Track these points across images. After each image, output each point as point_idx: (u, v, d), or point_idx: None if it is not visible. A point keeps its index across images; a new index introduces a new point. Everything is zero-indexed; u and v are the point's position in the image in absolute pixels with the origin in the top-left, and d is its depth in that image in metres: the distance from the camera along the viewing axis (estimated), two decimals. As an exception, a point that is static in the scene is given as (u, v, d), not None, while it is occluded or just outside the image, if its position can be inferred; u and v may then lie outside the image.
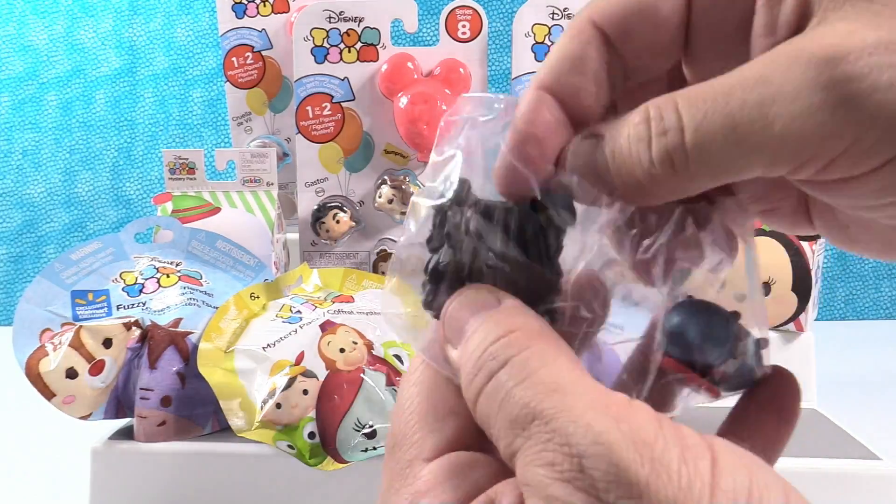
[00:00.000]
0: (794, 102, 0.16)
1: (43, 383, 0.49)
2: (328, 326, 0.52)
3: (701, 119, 0.17)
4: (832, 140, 0.16)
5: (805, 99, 0.16)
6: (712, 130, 0.17)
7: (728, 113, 0.16)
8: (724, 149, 0.17)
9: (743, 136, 0.16)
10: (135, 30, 1.21)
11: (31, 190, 1.21)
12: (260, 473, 0.48)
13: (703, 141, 0.17)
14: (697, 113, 0.17)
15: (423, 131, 0.66)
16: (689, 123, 0.17)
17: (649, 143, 0.18)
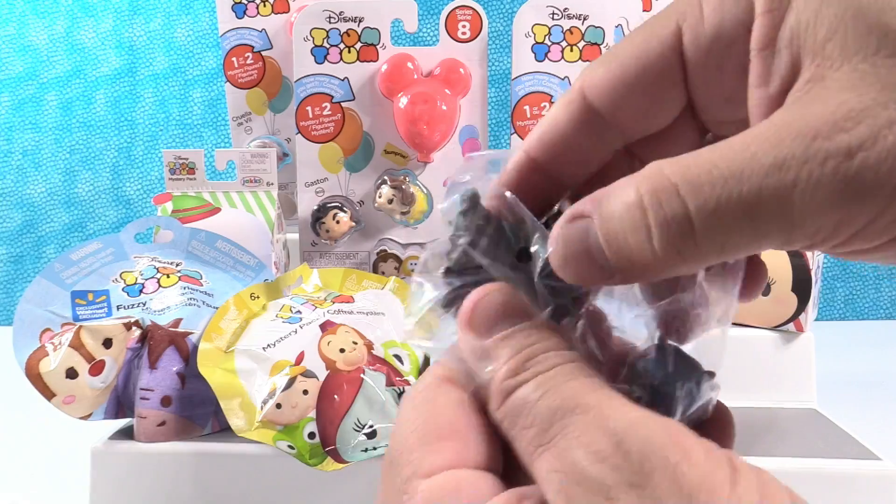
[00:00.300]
0: (813, 193, 0.16)
1: (43, 383, 0.49)
2: (328, 326, 0.52)
3: (713, 207, 0.16)
4: (848, 225, 0.16)
5: (824, 190, 0.16)
6: (726, 217, 0.16)
7: (743, 199, 0.16)
8: (740, 233, 0.16)
9: (762, 221, 0.16)
10: (135, 30, 1.21)
11: (31, 190, 1.21)
12: (260, 473, 0.48)
13: (717, 228, 0.16)
14: (708, 200, 0.16)
15: (423, 131, 0.66)
16: (699, 212, 0.16)
17: (648, 230, 0.17)
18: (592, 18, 0.66)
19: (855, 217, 0.16)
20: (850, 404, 0.61)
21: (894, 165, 0.15)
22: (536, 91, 0.67)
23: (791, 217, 0.16)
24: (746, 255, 0.18)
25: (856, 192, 0.15)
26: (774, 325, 0.61)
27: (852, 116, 0.16)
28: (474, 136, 0.69)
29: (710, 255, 0.17)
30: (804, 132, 0.16)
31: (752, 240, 0.17)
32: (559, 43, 0.67)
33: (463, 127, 0.69)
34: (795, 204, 0.16)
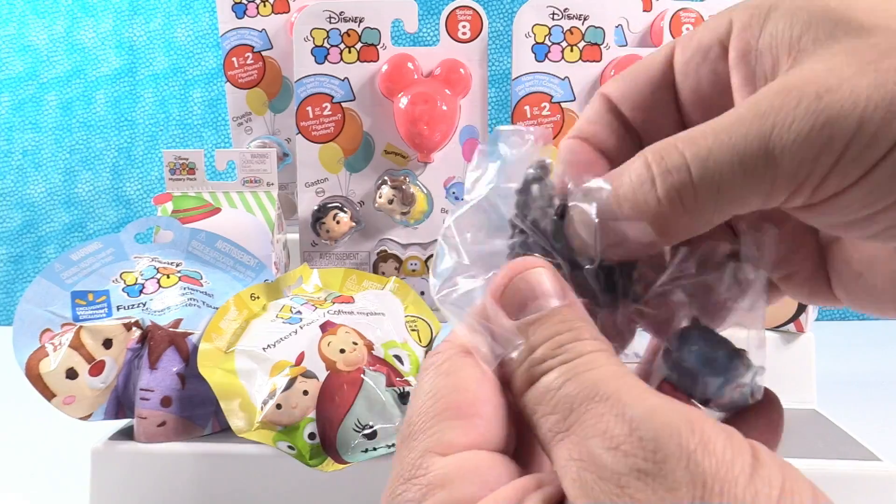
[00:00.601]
0: (789, 131, 0.18)
1: (43, 384, 0.49)
2: (328, 327, 0.52)
3: (706, 155, 0.18)
4: (825, 155, 0.18)
5: (798, 125, 0.18)
6: (719, 164, 0.18)
7: (732, 146, 0.18)
8: (731, 180, 0.18)
9: (748, 166, 0.18)
10: (135, 30, 1.21)
11: (31, 190, 1.21)
12: (260, 474, 0.48)
13: (712, 175, 0.18)
14: (701, 150, 0.19)
15: (423, 131, 0.66)
16: (694, 160, 0.19)
17: (653, 183, 0.19)
18: (592, 19, 0.66)
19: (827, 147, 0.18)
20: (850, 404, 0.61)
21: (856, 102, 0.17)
22: (536, 91, 0.67)
23: (773, 157, 0.18)
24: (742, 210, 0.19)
25: (824, 123, 0.17)
26: (774, 325, 0.61)
27: (821, 74, 0.18)
28: (474, 136, 0.69)
29: (708, 202, 0.19)
30: (781, 90, 0.18)
31: (742, 185, 0.18)
32: (559, 43, 0.67)
33: (463, 127, 0.69)
34: (775, 142, 0.18)
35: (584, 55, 0.67)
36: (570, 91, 0.67)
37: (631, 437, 0.16)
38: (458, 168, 0.69)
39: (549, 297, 0.19)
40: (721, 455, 0.15)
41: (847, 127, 0.17)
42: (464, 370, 0.20)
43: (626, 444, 0.16)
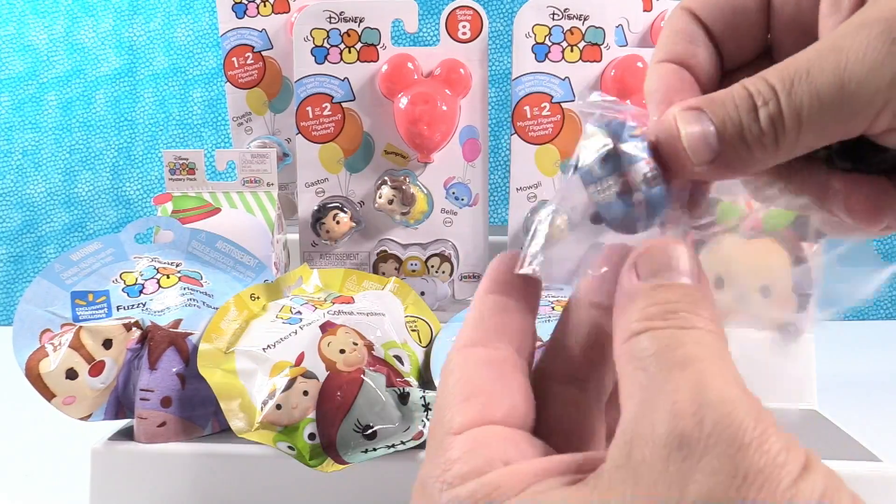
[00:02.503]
0: (863, 61, 0.19)
1: (43, 384, 0.49)
2: (328, 327, 0.52)
3: (789, 89, 0.20)
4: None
5: (873, 54, 0.19)
6: (800, 98, 0.19)
7: (810, 81, 0.19)
8: (812, 114, 0.19)
9: (825, 99, 0.19)
10: (135, 30, 1.21)
11: (31, 190, 1.21)
12: (260, 474, 0.48)
13: (795, 108, 0.19)
14: (786, 83, 0.20)
15: (423, 132, 0.66)
16: (781, 93, 0.20)
17: (756, 111, 0.20)
18: (593, 19, 0.66)
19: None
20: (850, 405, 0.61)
21: None
22: (537, 91, 0.67)
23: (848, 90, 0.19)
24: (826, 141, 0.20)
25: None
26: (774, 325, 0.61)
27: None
28: (475, 136, 0.69)
29: (793, 133, 0.20)
30: (858, 21, 0.19)
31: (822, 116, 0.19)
32: (559, 43, 0.67)
33: (463, 127, 0.69)
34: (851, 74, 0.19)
35: (584, 55, 0.67)
36: (571, 91, 0.67)
37: (694, 417, 0.16)
38: (458, 168, 0.69)
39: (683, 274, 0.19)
40: (774, 456, 0.15)
41: None
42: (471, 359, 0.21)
43: (686, 420, 0.16)
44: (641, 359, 0.18)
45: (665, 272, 0.19)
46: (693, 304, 0.19)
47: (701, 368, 0.17)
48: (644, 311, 0.19)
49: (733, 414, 0.16)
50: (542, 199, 0.68)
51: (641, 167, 0.21)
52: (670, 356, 0.17)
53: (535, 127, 0.68)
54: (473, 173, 0.70)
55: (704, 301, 0.19)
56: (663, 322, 0.18)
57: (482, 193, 0.70)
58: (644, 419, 0.17)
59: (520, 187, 0.69)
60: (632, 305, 0.19)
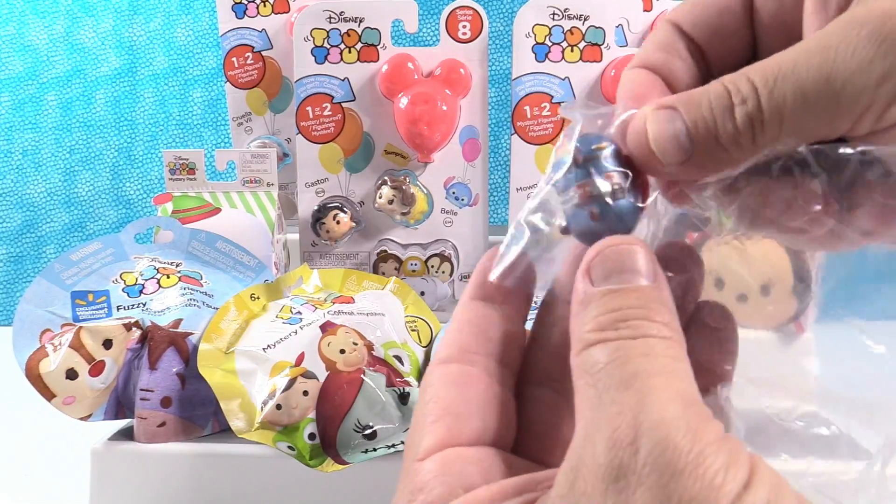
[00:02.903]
0: (851, 60, 0.18)
1: (43, 384, 0.49)
2: (328, 327, 0.52)
3: (772, 85, 0.19)
4: (886, 84, 0.18)
5: (860, 54, 0.18)
6: (783, 95, 0.19)
7: (796, 78, 0.19)
8: (794, 111, 0.19)
9: (810, 97, 0.19)
10: (135, 30, 1.21)
11: (31, 190, 1.21)
12: (260, 475, 0.48)
13: (776, 105, 0.19)
14: (768, 80, 0.19)
15: (423, 132, 0.66)
16: (763, 90, 0.19)
17: (731, 110, 0.19)
18: (593, 19, 0.66)
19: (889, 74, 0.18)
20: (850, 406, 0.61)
21: None
22: (537, 91, 0.67)
23: (834, 88, 0.18)
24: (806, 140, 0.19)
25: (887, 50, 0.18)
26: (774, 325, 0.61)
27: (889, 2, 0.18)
28: (475, 136, 0.69)
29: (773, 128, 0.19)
30: (847, 20, 0.19)
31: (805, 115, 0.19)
32: (560, 43, 0.67)
33: (463, 127, 0.69)
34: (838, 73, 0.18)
35: (584, 55, 0.67)
36: (571, 91, 0.67)
37: (631, 447, 0.16)
38: (458, 168, 0.69)
39: (638, 275, 0.19)
40: (710, 479, 0.15)
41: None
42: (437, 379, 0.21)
43: (623, 451, 0.16)
44: (592, 374, 0.17)
45: (619, 275, 0.19)
46: (646, 310, 0.18)
47: (645, 386, 0.16)
48: (596, 319, 0.18)
49: (668, 438, 0.15)
50: (542, 199, 0.68)
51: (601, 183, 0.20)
52: (618, 372, 0.17)
53: (535, 127, 0.68)
54: (473, 173, 0.70)
55: (659, 304, 0.18)
56: (614, 332, 0.18)
57: (482, 193, 0.70)
58: (588, 445, 0.16)
59: (520, 187, 0.69)
60: (585, 313, 0.18)
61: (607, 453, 0.16)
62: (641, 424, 0.16)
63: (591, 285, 0.19)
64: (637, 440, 0.16)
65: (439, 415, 0.20)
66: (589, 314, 0.18)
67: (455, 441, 0.19)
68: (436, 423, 0.20)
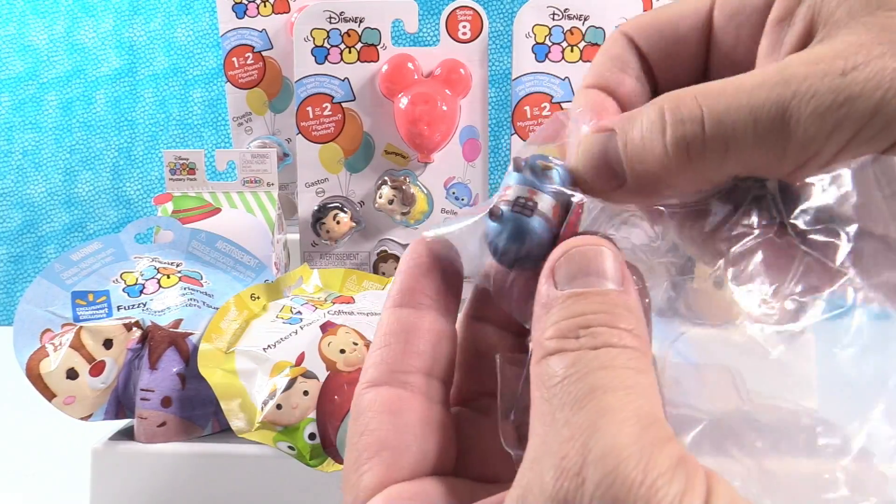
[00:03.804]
0: (808, 103, 0.18)
1: (43, 384, 0.49)
2: (329, 327, 0.52)
3: (722, 111, 0.18)
4: (838, 133, 0.18)
5: (818, 99, 0.18)
6: (733, 122, 0.18)
7: (751, 107, 0.18)
8: (743, 141, 0.18)
9: (762, 129, 0.18)
10: (135, 30, 1.21)
11: (31, 190, 1.21)
12: (260, 474, 0.48)
13: (723, 132, 0.18)
14: (718, 105, 0.18)
15: (423, 132, 0.66)
16: (710, 114, 0.18)
17: (663, 131, 0.19)
18: (593, 19, 0.66)
19: (842, 125, 0.17)
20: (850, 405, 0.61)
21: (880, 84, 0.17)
22: (537, 91, 0.67)
23: (788, 126, 0.18)
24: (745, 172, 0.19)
25: (844, 100, 0.17)
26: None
27: (850, 49, 0.18)
28: (475, 136, 0.69)
29: (714, 159, 0.18)
30: (808, 60, 0.18)
31: (751, 148, 0.18)
32: (560, 43, 0.67)
33: (463, 127, 0.69)
34: (793, 112, 0.18)
35: (584, 55, 0.67)
36: (571, 91, 0.67)
37: (578, 478, 0.15)
38: (458, 168, 0.69)
39: (604, 278, 0.18)
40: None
41: (865, 108, 0.17)
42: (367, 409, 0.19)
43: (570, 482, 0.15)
44: (549, 387, 0.16)
45: (584, 277, 0.18)
46: (611, 316, 0.17)
47: (599, 406, 0.15)
48: (557, 325, 0.17)
49: (617, 470, 0.14)
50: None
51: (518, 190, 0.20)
52: (573, 388, 0.16)
53: (535, 127, 0.68)
54: (473, 173, 0.70)
55: (626, 310, 0.17)
56: (574, 341, 0.17)
57: (482, 193, 0.70)
58: (536, 470, 0.15)
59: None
60: (546, 318, 0.17)
61: (554, 483, 0.15)
62: (590, 452, 0.15)
63: (555, 288, 0.18)
64: (584, 470, 0.15)
65: (376, 449, 0.18)
66: (550, 319, 0.17)
67: (395, 477, 0.18)
68: (373, 459, 0.18)
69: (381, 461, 0.18)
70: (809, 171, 0.18)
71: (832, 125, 0.17)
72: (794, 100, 0.18)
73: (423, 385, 0.20)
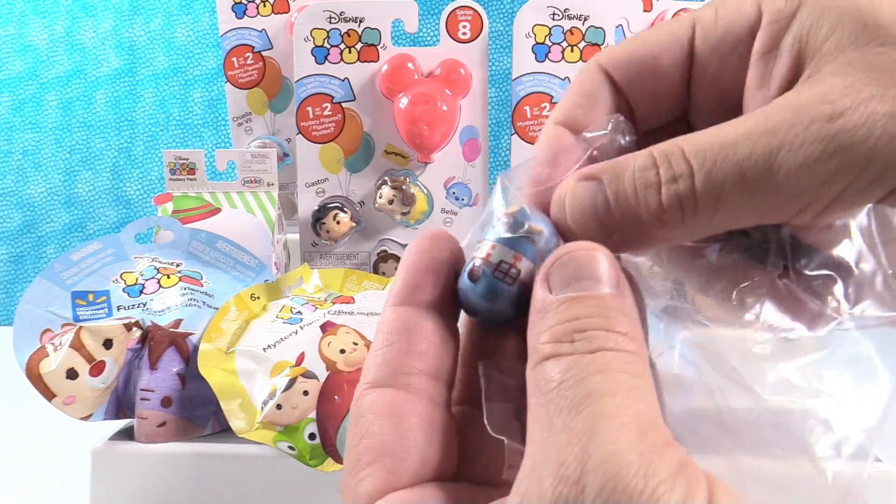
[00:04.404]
0: (797, 153, 0.17)
1: (43, 384, 0.49)
2: (329, 327, 0.52)
3: (711, 167, 0.18)
4: (830, 185, 0.17)
5: (807, 150, 0.17)
6: (722, 178, 0.18)
7: (737, 161, 0.17)
8: (732, 195, 0.18)
9: (750, 183, 0.17)
10: (135, 30, 1.21)
11: (31, 190, 1.21)
12: (260, 474, 0.48)
13: (713, 188, 0.18)
14: (706, 160, 0.18)
15: (423, 132, 0.66)
16: (699, 170, 0.18)
17: (658, 188, 0.18)
18: (593, 19, 0.66)
19: (834, 178, 0.17)
20: (850, 405, 0.61)
21: (871, 131, 0.17)
22: (537, 91, 0.67)
23: (776, 179, 0.17)
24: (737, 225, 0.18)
25: (835, 151, 0.17)
26: (775, 325, 0.61)
27: (837, 91, 0.17)
28: (475, 136, 0.69)
29: (705, 214, 0.18)
30: (794, 106, 0.18)
31: (742, 200, 0.18)
32: (560, 43, 0.67)
33: (463, 127, 0.69)
34: (781, 164, 0.17)
35: (584, 55, 0.67)
36: (571, 91, 0.67)
37: (577, 485, 0.14)
38: (458, 168, 0.69)
39: (599, 282, 0.17)
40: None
41: (857, 159, 0.17)
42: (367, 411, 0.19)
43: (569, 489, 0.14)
44: (545, 392, 0.16)
45: (578, 282, 0.17)
46: (606, 319, 0.17)
47: (597, 410, 0.15)
48: (552, 329, 0.17)
49: (618, 477, 0.14)
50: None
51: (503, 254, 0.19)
52: (570, 393, 0.16)
53: (535, 127, 0.68)
54: (473, 173, 0.70)
55: (621, 313, 0.17)
56: (570, 345, 0.16)
57: (482, 193, 0.70)
58: (535, 477, 0.15)
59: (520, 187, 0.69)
60: (542, 323, 0.17)
61: (553, 490, 0.15)
62: (589, 459, 0.15)
63: (550, 293, 0.18)
64: (584, 477, 0.14)
65: (376, 454, 0.18)
66: (545, 324, 0.17)
67: (395, 484, 0.18)
68: (373, 464, 0.18)
69: (381, 467, 0.18)
70: (803, 218, 0.18)
71: (823, 177, 0.17)
72: (782, 151, 0.17)
73: (426, 387, 0.19)
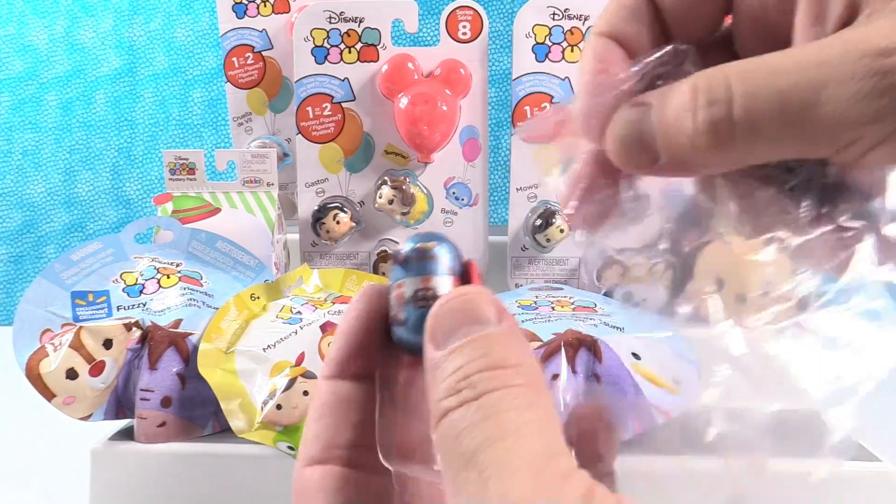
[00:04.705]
0: (845, 87, 0.16)
1: (43, 384, 0.49)
2: (329, 327, 0.52)
3: (753, 93, 0.17)
4: (876, 125, 0.16)
5: (856, 85, 0.16)
6: (762, 105, 0.17)
7: (781, 90, 0.17)
8: (771, 125, 0.17)
9: (792, 114, 0.17)
10: (135, 30, 1.21)
11: (31, 190, 1.21)
12: (260, 474, 0.48)
13: (752, 115, 0.17)
14: (749, 87, 0.17)
15: (423, 132, 0.66)
16: (740, 97, 0.17)
17: (695, 112, 0.18)
18: (593, 19, 0.66)
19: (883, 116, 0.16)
20: (850, 405, 0.61)
21: None
22: (537, 91, 0.67)
23: (820, 111, 0.17)
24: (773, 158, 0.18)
25: (886, 88, 0.16)
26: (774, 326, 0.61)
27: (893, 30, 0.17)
28: (475, 136, 0.69)
29: (744, 147, 0.17)
30: (846, 41, 0.17)
31: (782, 134, 0.17)
32: (560, 43, 0.67)
33: (463, 127, 0.69)
34: (829, 97, 0.16)
35: (584, 55, 0.67)
36: (571, 91, 0.67)
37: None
38: (458, 168, 0.69)
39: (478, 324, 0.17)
40: None
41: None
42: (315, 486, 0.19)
43: None
44: (444, 452, 0.16)
45: (458, 330, 0.17)
46: (489, 359, 0.16)
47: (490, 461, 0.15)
48: (444, 385, 0.17)
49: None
50: (542, 200, 0.68)
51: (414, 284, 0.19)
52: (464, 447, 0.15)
53: (535, 127, 0.68)
54: (473, 173, 0.70)
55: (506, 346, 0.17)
56: (456, 398, 0.16)
57: (482, 193, 0.70)
58: None
59: (520, 187, 0.69)
60: (434, 381, 0.17)
61: None
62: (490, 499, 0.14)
63: (437, 349, 0.17)
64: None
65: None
66: (437, 381, 0.17)
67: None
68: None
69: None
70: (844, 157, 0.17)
71: (871, 115, 0.16)
72: (830, 84, 0.16)
73: (361, 458, 0.20)
